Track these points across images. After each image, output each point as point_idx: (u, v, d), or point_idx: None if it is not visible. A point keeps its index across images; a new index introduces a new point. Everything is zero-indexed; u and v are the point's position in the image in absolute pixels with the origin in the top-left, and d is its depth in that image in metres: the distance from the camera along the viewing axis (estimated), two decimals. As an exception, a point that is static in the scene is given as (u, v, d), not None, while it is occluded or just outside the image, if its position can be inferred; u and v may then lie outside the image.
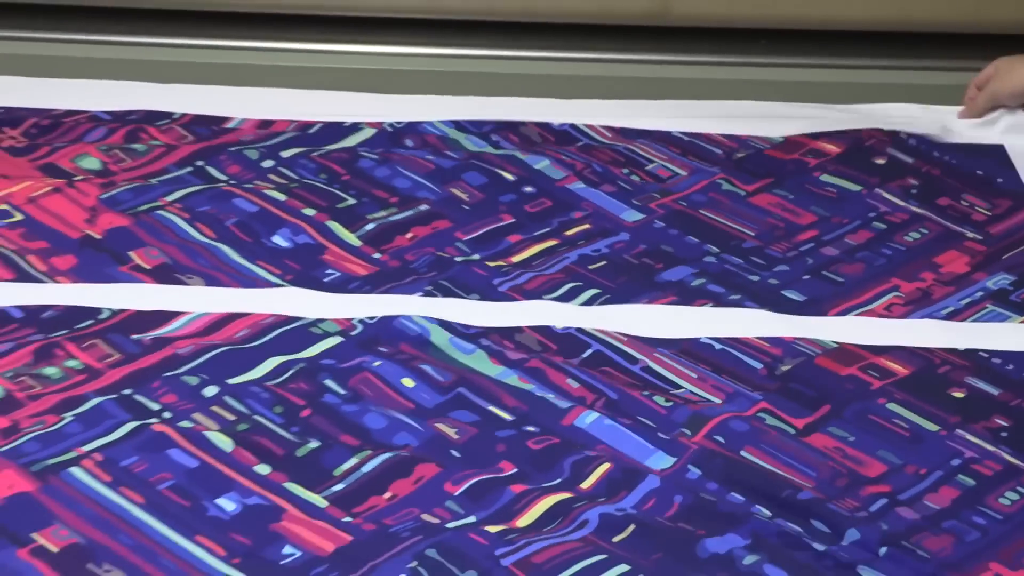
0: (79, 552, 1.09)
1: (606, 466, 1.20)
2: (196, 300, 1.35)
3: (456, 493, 1.17)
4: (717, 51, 2.14)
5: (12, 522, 1.10)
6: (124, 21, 2.16)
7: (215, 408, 1.28)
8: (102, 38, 2.15)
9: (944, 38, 2.13)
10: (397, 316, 1.42)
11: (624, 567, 1.07)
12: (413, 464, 1.20)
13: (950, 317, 1.34)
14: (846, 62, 2.11)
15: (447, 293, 1.35)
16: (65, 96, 1.80)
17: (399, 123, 1.65)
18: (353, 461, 1.21)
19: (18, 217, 1.45)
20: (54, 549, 1.08)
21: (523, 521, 1.14)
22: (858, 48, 2.12)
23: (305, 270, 1.40)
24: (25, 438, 1.21)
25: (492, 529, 1.12)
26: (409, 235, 1.45)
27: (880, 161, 1.60)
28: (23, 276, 1.37)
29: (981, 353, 1.41)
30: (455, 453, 1.23)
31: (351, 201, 1.50)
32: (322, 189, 1.53)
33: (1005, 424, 1.29)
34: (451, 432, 1.26)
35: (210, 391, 1.30)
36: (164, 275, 1.38)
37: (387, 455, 1.22)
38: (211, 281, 1.37)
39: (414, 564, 1.08)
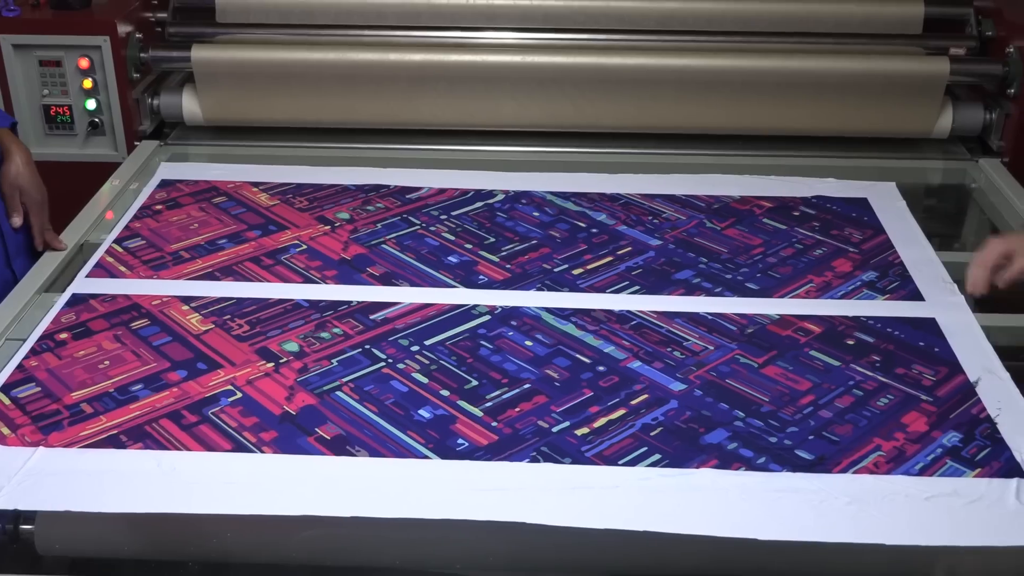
0: (341, 439, 1.43)
1: (645, 394, 1.56)
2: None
3: (557, 410, 1.51)
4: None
5: (304, 421, 1.46)
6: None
7: (417, 357, 1.64)
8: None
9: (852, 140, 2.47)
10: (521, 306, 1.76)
11: (657, 455, 1.41)
12: (532, 392, 1.55)
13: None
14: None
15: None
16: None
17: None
18: (497, 389, 1.56)
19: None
20: (327, 437, 1.43)
21: (597, 425, 1.47)
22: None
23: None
24: (311, 373, 1.59)
25: (579, 432, 1.45)
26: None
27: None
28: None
29: (862, 318, 1.75)
30: (557, 385, 1.57)
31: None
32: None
33: (878, 359, 1.66)
34: (554, 373, 1.60)
35: (414, 347, 1.66)
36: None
37: (517, 387, 1.57)
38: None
39: (534, 454, 1.41)
